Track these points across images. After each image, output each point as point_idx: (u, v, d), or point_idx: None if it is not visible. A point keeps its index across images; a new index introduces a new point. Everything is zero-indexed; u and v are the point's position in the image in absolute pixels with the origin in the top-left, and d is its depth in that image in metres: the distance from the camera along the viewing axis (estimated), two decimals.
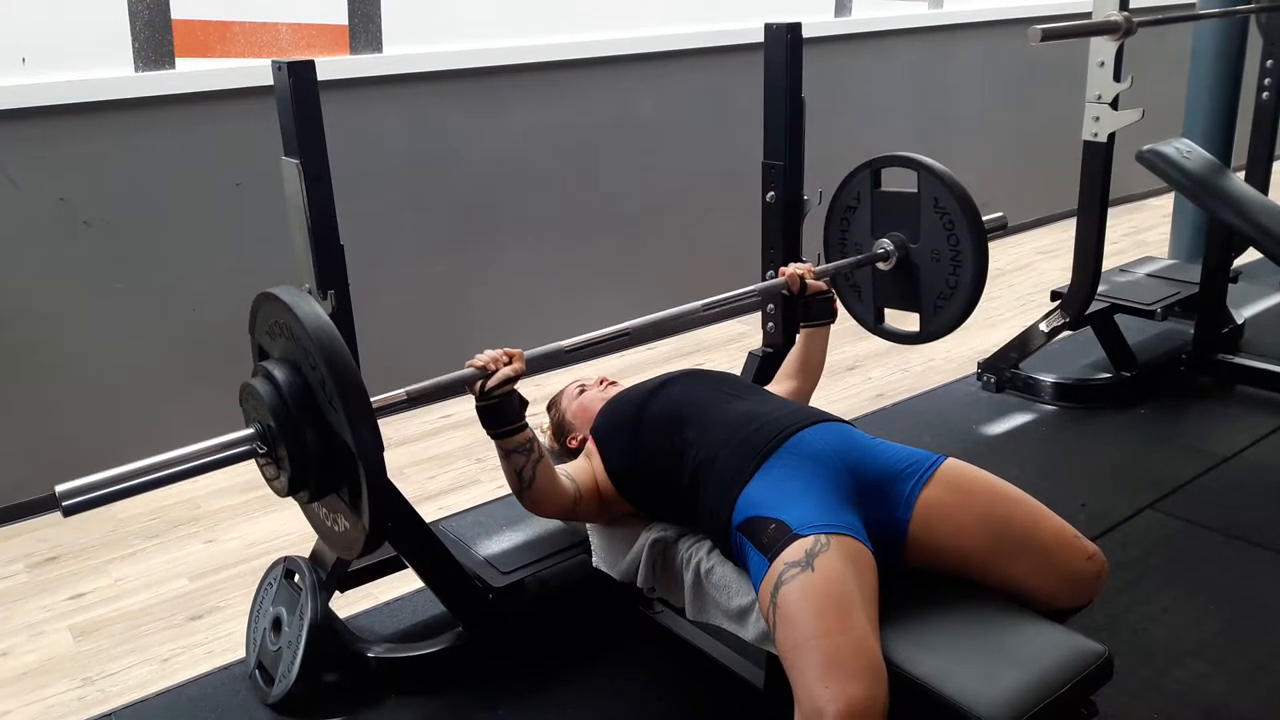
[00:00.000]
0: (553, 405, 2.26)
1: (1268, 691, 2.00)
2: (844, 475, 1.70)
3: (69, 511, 1.50)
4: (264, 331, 1.70)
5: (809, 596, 1.51)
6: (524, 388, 1.84)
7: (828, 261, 2.52)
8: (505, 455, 1.79)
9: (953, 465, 1.75)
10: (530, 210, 3.63)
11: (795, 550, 1.55)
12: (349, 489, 1.61)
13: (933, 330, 2.47)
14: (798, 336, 2.25)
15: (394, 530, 2.10)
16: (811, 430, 1.76)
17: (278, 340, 1.66)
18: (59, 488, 1.50)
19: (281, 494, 1.67)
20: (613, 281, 3.89)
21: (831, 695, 1.40)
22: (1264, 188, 3.84)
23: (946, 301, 2.41)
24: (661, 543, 1.88)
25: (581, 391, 2.19)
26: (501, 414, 1.77)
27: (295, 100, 1.82)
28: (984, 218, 2.36)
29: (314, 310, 1.56)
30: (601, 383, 2.21)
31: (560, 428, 2.20)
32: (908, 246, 2.44)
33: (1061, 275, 3.50)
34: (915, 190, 2.40)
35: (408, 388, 1.77)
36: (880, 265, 2.47)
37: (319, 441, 1.58)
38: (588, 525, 2.08)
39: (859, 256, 2.47)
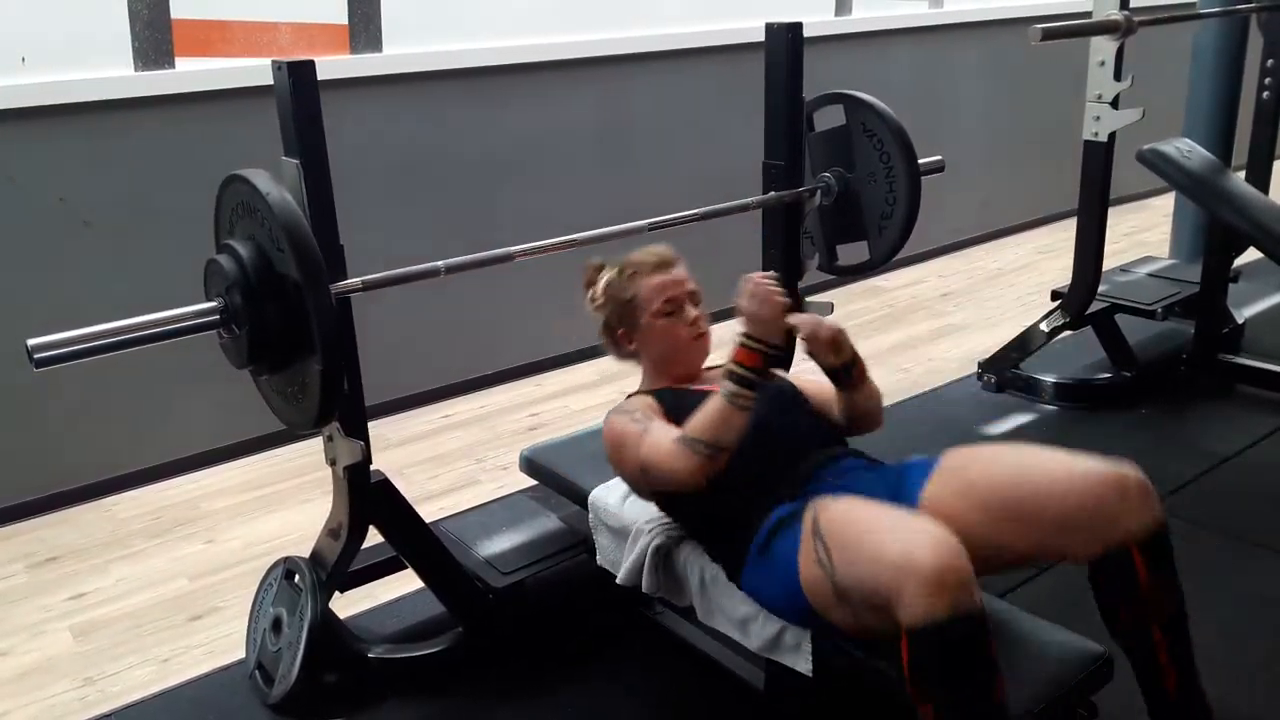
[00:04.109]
0: (620, 274, 2.01)
1: (1268, 691, 2.00)
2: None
3: (40, 364, 1.60)
4: (227, 217, 1.84)
5: (852, 505, 1.52)
6: (522, 389, 1.85)
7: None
8: (741, 410, 1.64)
9: (950, 455, 1.71)
10: (530, 209, 3.62)
11: (822, 500, 1.57)
12: (305, 362, 1.74)
13: (881, 252, 2.51)
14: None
15: (394, 530, 2.11)
16: (831, 469, 1.76)
17: (241, 221, 1.79)
18: (31, 342, 1.59)
19: (240, 365, 1.80)
20: None
21: (912, 538, 1.38)
22: (1264, 187, 3.83)
23: (888, 220, 2.45)
24: (664, 548, 1.88)
25: (670, 309, 1.94)
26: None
27: (295, 100, 1.82)
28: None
29: (273, 186, 1.70)
30: (695, 322, 1.96)
31: (623, 312, 1.99)
32: (846, 177, 2.49)
33: (1062, 275, 3.49)
34: (844, 123, 2.47)
35: (363, 276, 1.90)
36: (824, 200, 2.51)
37: (278, 313, 1.72)
38: (591, 524, 2.08)
39: (802, 188, 2.50)
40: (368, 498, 2.02)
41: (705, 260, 3.94)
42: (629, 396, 1.97)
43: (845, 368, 1.83)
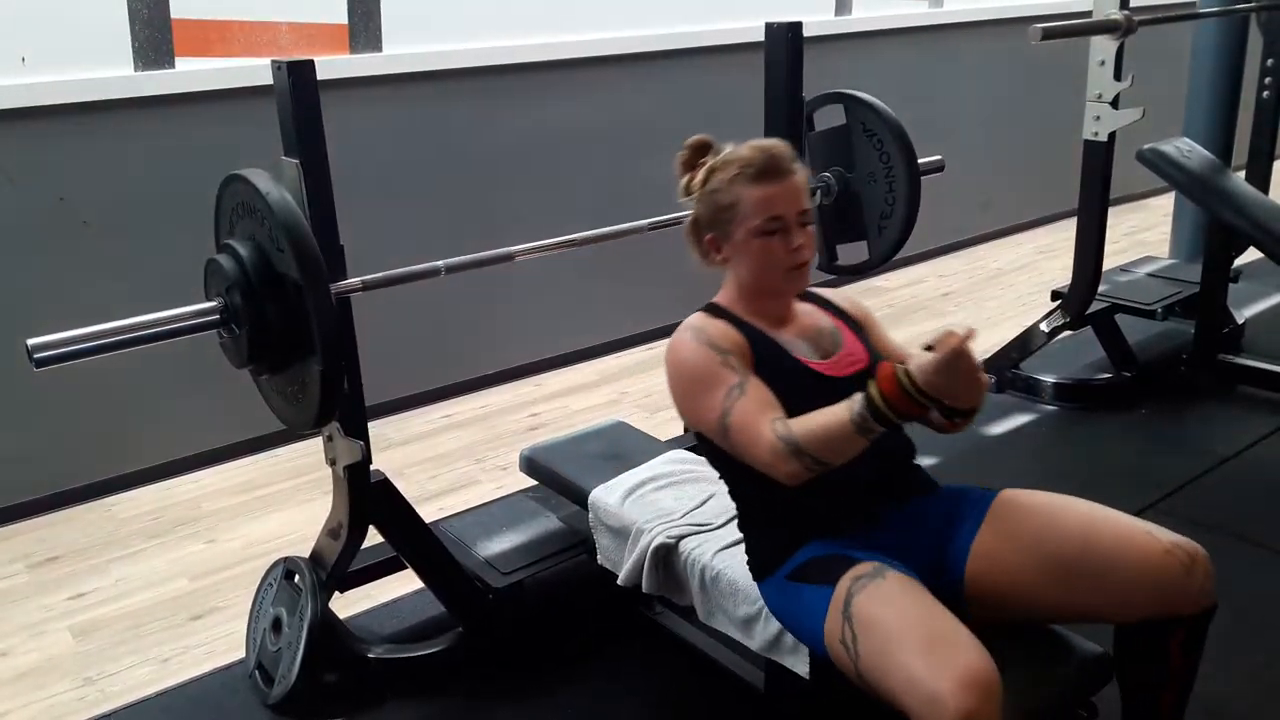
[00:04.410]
0: (725, 170, 1.65)
1: (1268, 691, 2.00)
2: (914, 552, 1.58)
3: (40, 364, 1.59)
4: (227, 217, 1.85)
5: (889, 598, 1.42)
6: (522, 389, 1.84)
7: None
8: (865, 440, 1.45)
9: (1003, 501, 1.60)
10: (530, 209, 3.62)
11: (863, 567, 1.47)
12: (305, 362, 1.74)
13: (880, 251, 2.53)
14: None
15: (394, 530, 2.11)
16: (899, 513, 1.63)
17: (241, 221, 1.79)
18: (31, 341, 1.59)
19: (240, 365, 1.80)
20: (613, 281, 3.89)
21: (942, 673, 1.29)
22: (1264, 187, 3.83)
23: (888, 220, 2.48)
24: (664, 548, 1.87)
25: (773, 228, 1.60)
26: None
27: (295, 100, 1.82)
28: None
29: (273, 186, 1.71)
30: (798, 250, 1.62)
31: (718, 217, 1.66)
32: (846, 177, 2.51)
33: (1062, 275, 3.50)
34: (844, 123, 2.49)
35: (363, 276, 1.91)
36: (824, 199, 2.53)
37: (278, 313, 1.72)
38: (591, 524, 2.08)
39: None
40: (368, 498, 2.02)
41: None
42: (709, 311, 1.68)
43: (967, 412, 1.53)
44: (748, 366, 1.59)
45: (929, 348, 1.37)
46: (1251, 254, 3.60)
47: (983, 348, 3.59)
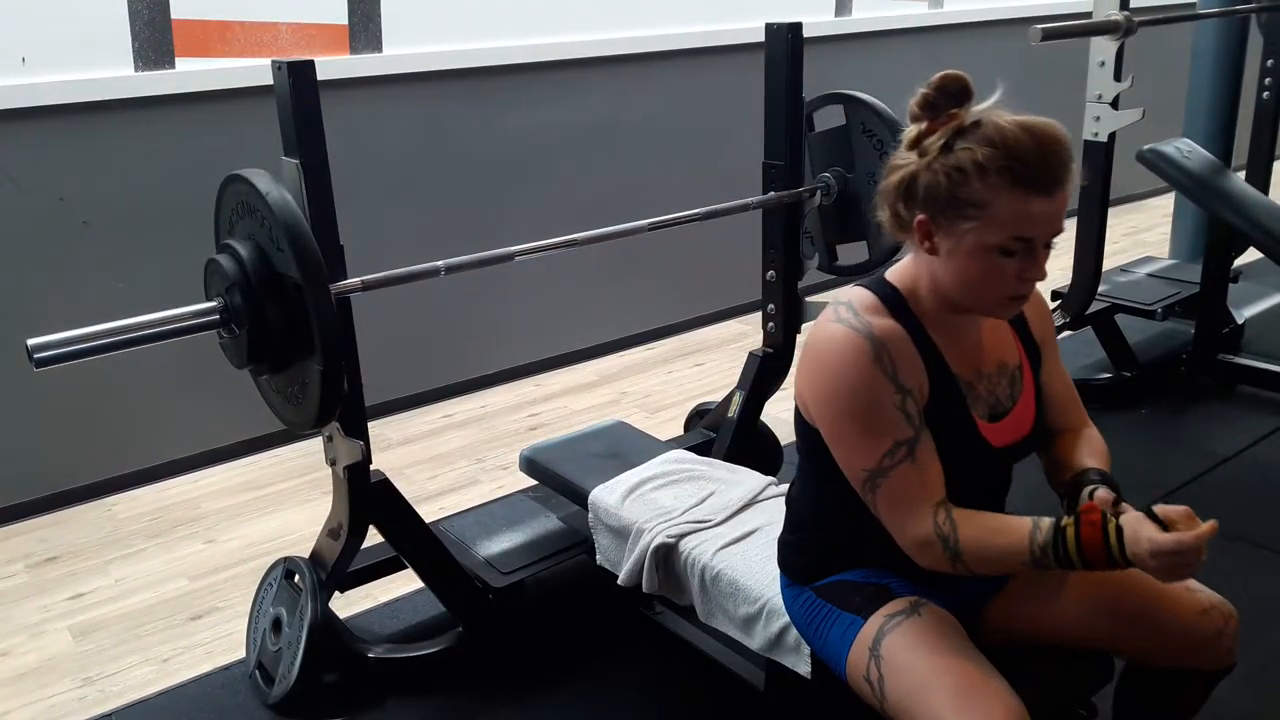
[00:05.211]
0: (973, 139, 1.30)
1: (1268, 692, 2.00)
2: (949, 581, 1.46)
3: (40, 364, 1.59)
4: (227, 217, 1.86)
5: (921, 638, 1.36)
6: (522, 389, 1.84)
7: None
8: (1037, 569, 1.32)
9: None
10: (530, 210, 3.62)
11: (898, 603, 1.41)
12: (305, 362, 1.75)
13: (881, 252, 2.52)
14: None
15: (394, 530, 2.11)
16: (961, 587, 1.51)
17: (241, 221, 1.80)
18: (31, 341, 1.59)
19: (240, 365, 1.80)
20: (612, 281, 3.89)
21: None
22: (1264, 187, 3.83)
23: None
24: (664, 548, 1.87)
25: (1014, 250, 1.27)
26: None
27: (295, 100, 1.82)
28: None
29: (273, 186, 1.71)
30: (1030, 279, 1.30)
31: (948, 204, 1.29)
32: (845, 177, 2.51)
33: (1062, 275, 3.49)
34: (844, 123, 2.48)
35: (363, 277, 1.90)
36: (823, 200, 2.53)
37: (278, 313, 1.73)
38: (591, 524, 2.08)
39: (802, 188, 2.50)
40: (368, 498, 2.02)
41: (705, 260, 3.94)
42: (886, 301, 1.39)
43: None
44: (922, 411, 1.34)
45: (1155, 516, 1.22)
46: (1251, 254, 3.61)
47: None
